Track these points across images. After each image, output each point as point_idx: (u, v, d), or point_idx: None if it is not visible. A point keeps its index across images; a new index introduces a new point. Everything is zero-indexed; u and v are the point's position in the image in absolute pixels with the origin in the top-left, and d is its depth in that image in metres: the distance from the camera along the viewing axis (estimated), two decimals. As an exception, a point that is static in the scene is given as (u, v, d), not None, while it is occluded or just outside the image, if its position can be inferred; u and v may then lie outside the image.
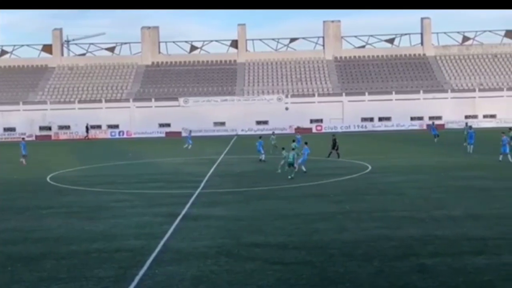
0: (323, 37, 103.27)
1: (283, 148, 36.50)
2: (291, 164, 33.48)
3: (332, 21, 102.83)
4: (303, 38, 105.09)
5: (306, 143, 38.28)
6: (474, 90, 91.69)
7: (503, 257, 15.29)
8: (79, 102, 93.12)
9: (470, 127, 51.26)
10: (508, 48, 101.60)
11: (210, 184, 31.77)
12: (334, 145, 44.83)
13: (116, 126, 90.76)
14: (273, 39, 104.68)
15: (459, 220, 19.97)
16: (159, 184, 32.40)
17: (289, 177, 32.72)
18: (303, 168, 35.40)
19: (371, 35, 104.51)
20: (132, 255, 16.45)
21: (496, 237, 17.45)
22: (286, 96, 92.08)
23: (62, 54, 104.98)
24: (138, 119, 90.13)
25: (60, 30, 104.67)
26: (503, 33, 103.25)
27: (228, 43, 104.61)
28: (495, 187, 27.81)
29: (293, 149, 37.52)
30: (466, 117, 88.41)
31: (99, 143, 75.51)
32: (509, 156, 38.46)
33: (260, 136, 46.61)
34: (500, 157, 38.71)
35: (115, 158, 50.24)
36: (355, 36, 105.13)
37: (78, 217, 22.64)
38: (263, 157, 43.53)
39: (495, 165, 36.94)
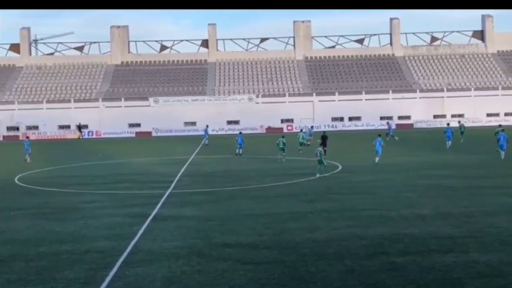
0: (293, 37, 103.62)
1: (321, 144, 35.78)
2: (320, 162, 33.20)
3: (303, 21, 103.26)
4: (274, 38, 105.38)
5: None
6: (442, 90, 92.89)
7: (471, 255, 15.50)
8: (48, 102, 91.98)
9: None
10: (475, 49, 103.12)
11: (181, 184, 31.65)
12: (324, 142, 44.73)
13: (85, 126, 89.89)
14: (243, 39, 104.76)
15: (428, 219, 20.19)
16: (129, 185, 32.16)
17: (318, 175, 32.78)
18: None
19: (341, 36, 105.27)
20: (102, 256, 16.31)
21: (464, 235, 17.68)
22: (257, 96, 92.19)
23: (30, 54, 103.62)
24: (108, 119, 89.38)
25: (28, 29, 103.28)
26: (470, 33, 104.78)
27: (199, 42, 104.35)
28: (463, 185, 28.20)
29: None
30: (435, 116, 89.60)
31: (68, 144, 74.68)
32: (502, 152, 39.28)
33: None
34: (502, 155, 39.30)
35: (84, 158, 49.76)
36: (325, 36, 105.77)
37: (48, 218, 22.37)
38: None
39: (462, 164, 37.45)
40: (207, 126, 68.32)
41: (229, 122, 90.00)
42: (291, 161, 42.73)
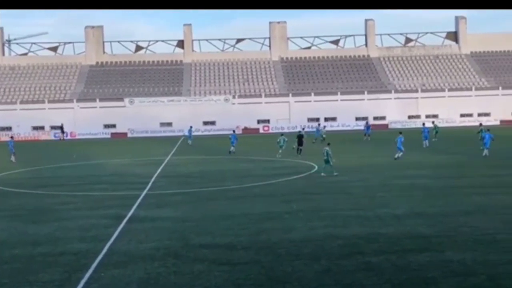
0: (269, 38, 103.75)
1: (328, 144, 36.06)
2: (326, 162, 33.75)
3: (278, 22, 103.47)
4: (250, 38, 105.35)
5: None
6: (416, 91, 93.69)
7: (446, 254, 15.67)
8: (21, 102, 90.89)
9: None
10: (449, 50, 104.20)
11: (157, 185, 31.52)
12: (300, 142, 47.09)
13: (60, 127, 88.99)
14: (219, 40, 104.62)
15: (403, 218, 20.38)
16: (104, 186, 31.94)
17: (323, 174, 33.42)
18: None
19: (317, 37, 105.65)
20: (77, 258, 16.20)
21: (438, 234, 17.87)
22: (233, 97, 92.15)
23: (3, 54, 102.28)
24: (82, 120, 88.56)
25: (1, 29, 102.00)
26: (444, 34, 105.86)
27: (174, 43, 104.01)
28: (437, 185, 28.49)
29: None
30: (409, 117, 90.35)
31: (42, 145, 73.91)
32: (485, 150, 40.65)
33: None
34: (484, 152, 40.67)
35: (59, 160, 49.27)
36: (301, 37, 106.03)
37: (22, 220, 22.14)
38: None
39: (437, 164, 37.82)
40: (191, 127, 68.47)
41: (205, 123, 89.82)
42: (266, 161, 42.82)
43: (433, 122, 66.98)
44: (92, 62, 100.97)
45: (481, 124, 50.52)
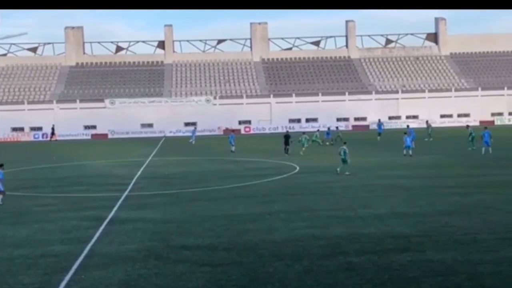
0: (250, 39, 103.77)
1: (345, 143, 36.89)
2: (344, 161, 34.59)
3: (259, 23, 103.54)
4: (231, 39, 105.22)
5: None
6: (397, 92, 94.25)
7: (427, 253, 15.76)
8: (0, 104, 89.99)
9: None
10: (429, 51, 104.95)
11: (138, 186, 31.37)
12: (287, 141, 48.28)
13: (40, 129, 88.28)
14: (200, 40, 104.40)
15: (384, 219, 20.46)
16: (84, 188, 31.71)
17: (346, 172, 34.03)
18: None
19: (298, 38, 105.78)
20: (57, 260, 16.06)
21: (419, 234, 17.97)
22: (215, 98, 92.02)
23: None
24: (62, 121, 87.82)
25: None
26: (424, 36, 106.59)
27: (155, 44, 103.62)
28: (418, 185, 28.66)
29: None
30: (390, 118, 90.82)
31: (21, 146, 73.23)
32: (483, 148, 42.56)
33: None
34: (483, 150, 42.77)
35: (39, 161, 48.86)
36: (282, 38, 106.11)
37: (1, 222, 21.92)
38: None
39: (417, 164, 38.03)
40: (195, 127, 72.24)
41: (187, 124, 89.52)
42: (247, 162, 42.80)
43: (427, 122, 68.20)
44: (72, 63, 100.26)
45: (468, 126, 50.83)
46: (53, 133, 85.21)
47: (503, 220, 19.74)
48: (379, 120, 73.63)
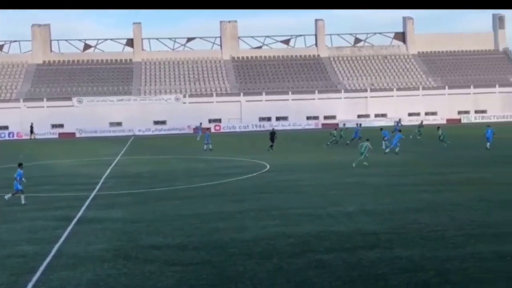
0: (220, 37, 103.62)
1: (367, 139, 37.37)
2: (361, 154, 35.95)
3: (229, 21, 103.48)
4: (200, 38, 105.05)
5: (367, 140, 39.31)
6: (366, 90, 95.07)
7: (395, 250, 15.90)
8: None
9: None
10: (397, 50, 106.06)
11: (106, 186, 31.08)
12: (272, 138, 49.07)
13: (6, 128, 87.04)
14: (170, 39, 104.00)
15: (354, 216, 20.59)
16: (52, 187, 31.32)
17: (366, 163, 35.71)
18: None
19: (267, 36, 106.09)
20: (24, 261, 15.83)
21: (387, 231, 18.12)
22: (184, 96, 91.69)
23: None
24: (29, 120, 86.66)
25: None
26: (392, 35, 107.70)
27: (124, 42, 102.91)
28: (387, 183, 28.90)
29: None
30: (359, 116, 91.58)
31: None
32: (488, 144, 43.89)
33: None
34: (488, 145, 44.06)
35: (4, 161, 48.07)
36: (252, 37, 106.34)
37: (-35, 223, 21.50)
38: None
39: (386, 162, 38.35)
40: (200, 123, 73.98)
41: (156, 123, 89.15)
42: (217, 161, 42.72)
43: (421, 121, 69.97)
44: (39, 61, 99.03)
45: (438, 128, 51.22)
46: (31, 131, 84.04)
47: (470, 217, 20.00)
48: (357, 124, 66.80)
